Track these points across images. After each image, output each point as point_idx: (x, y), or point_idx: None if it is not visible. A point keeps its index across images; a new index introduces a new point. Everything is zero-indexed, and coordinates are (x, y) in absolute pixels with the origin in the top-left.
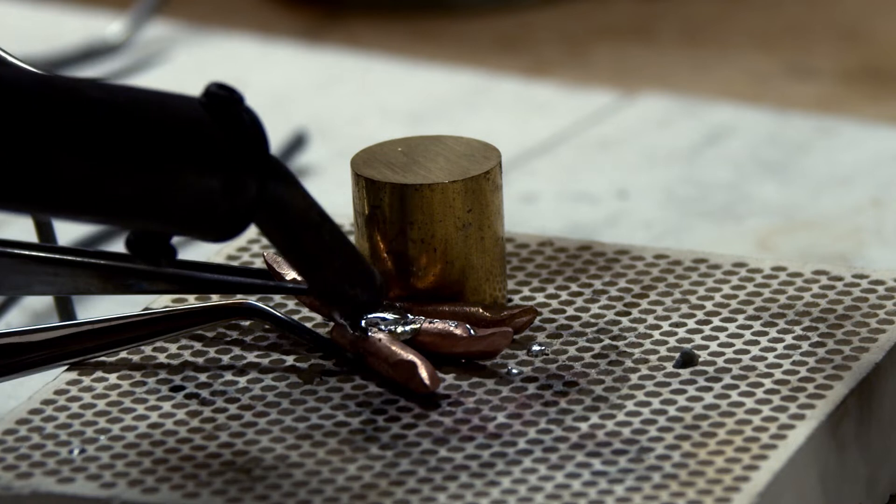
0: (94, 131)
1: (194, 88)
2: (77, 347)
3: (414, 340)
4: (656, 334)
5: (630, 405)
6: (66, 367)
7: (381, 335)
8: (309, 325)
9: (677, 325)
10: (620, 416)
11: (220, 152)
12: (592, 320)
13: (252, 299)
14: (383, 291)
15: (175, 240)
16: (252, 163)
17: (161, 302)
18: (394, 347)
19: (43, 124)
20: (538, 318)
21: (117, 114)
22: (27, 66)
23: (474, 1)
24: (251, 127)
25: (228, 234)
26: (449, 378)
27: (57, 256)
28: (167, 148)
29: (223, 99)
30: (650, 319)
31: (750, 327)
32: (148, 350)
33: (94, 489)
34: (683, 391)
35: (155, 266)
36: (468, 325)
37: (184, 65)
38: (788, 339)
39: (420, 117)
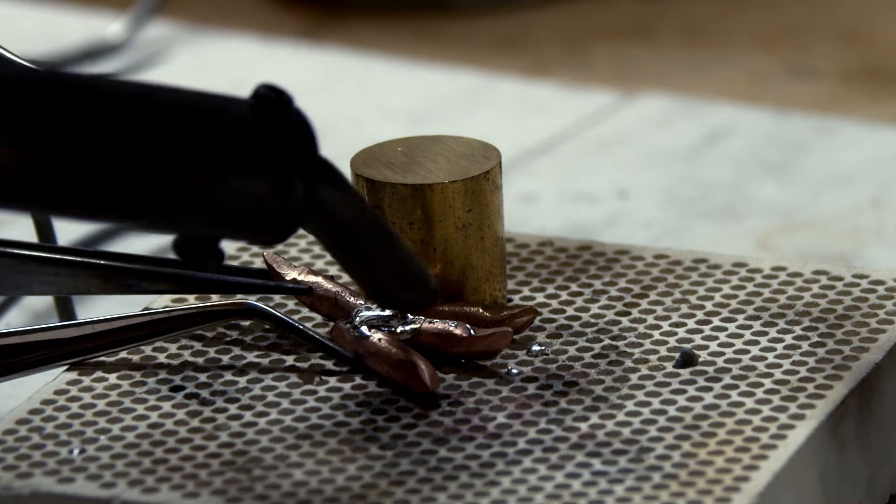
0: (142, 134)
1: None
2: (77, 347)
3: (414, 340)
4: (656, 334)
5: (630, 405)
6: (66, 367)
7: (381, 335)
8: (309, 325)
9: (677, 325)
10: (620, 416)
11: (267, 154)
12: (592, 320)
13: (252, 299)
14: (437, 293)
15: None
16: (300, 165)
17: (161, 302)
18: (394, 347)
19: (90, 127)
20: (538, 318)
21: (165, 116)
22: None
23: (474, 1)
24: (299, 128)
25: (278, 237)
26: (449, 378)
27: (57, 256)
28: (215, 150)
29: (272, 101)
30: (650, 319)
31: (750, 327)
32: (148, 350)
33: (94, 489)
34: (683, 391)
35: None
36: (468, 325)
37: (184, 65)
38: (788, 339)
39: (420, 117)
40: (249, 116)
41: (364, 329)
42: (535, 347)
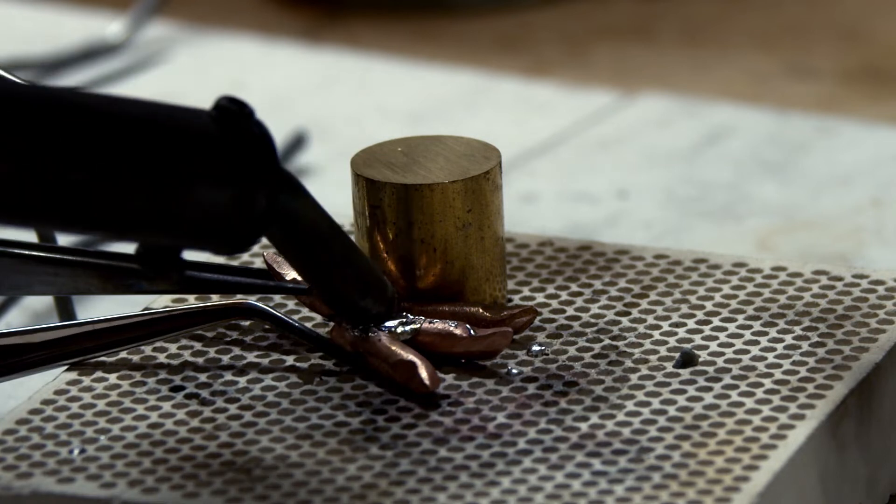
0: (102, 145)
1: (194, 88)
2: (77, 347)
3: (414, 340)
4: (656, 334)
5: (630, 405)
6: (66, 367)
7: (381, 335)
8: (309, 325)
9: (677, 325)
10: (620, 416)
11: (229, 166)
12: (592, 320)
13: (252, 299)
14: (395, 303)
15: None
16: (262, 176)
17: (161, 302)
18: (394, 347)
19: (49, 138)
20: (538, 318)
21: (125, 126)
22: (18, 79)
23: (474, 1)
24: (261, 140)
25: (240, 247)
26: (449, 378)
27: (57, 256)
28: (177, 161)
29: (233, 113)
30: (650, 319)
31: (750, 327)
32: (148, 350)
33: (94, 489)
34: (683, 391)
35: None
36: (468, 325)
37: (184, 65)
38: (788, 339)
39: (420, 117)
40: (211, 128)
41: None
42: (535, 347)
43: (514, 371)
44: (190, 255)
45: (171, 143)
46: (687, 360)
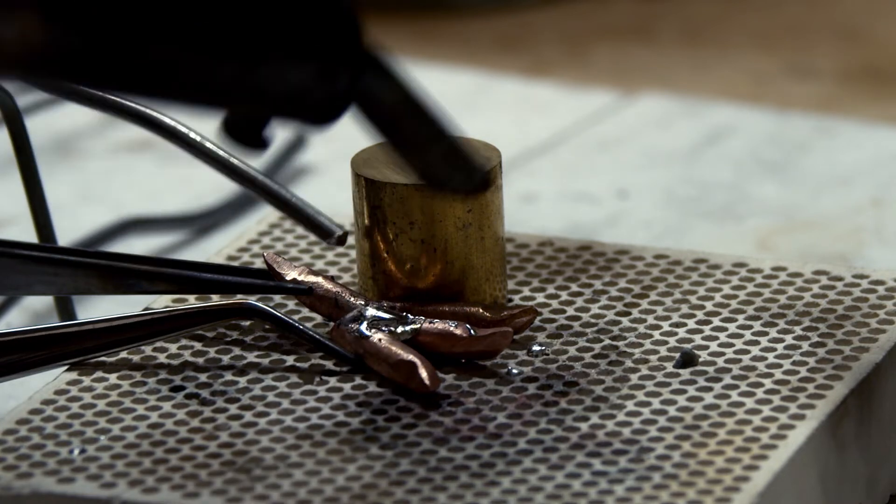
0: (189, 10)
1: None
2: (77, 347)
3: (414, 340)
4: (656, 334)
5: (630, 405)
6: (66, 367)
7: (381, 335)
8: (309, 325)
9: (677, 325)
10: (620, 417)
11: (314, 38)
12: (592, 320)
13: (252, 299)
14: (488, 181)
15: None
16: (345, 53)
17: (161, 302)
18: (394, 347)
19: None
20: (538, 318)
21: None
22: None
23: (474, 1)
24: (347, 15)
25: (324, 121)
26: (449, 378)
27: (57, 256)
28: (262, 30)
29: None
30: (650, 319)
31: (750, 327)
32: (148, 350)
33: (94, 489)
34: (683, 391)
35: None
36: (468, 325)
37: None
38: (788, 339)
39: None
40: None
41: (364, 329)
42: (536, 347)
43: (515, 371)
44: (195, 254)
45: (255, 10)
46: (687, 360)
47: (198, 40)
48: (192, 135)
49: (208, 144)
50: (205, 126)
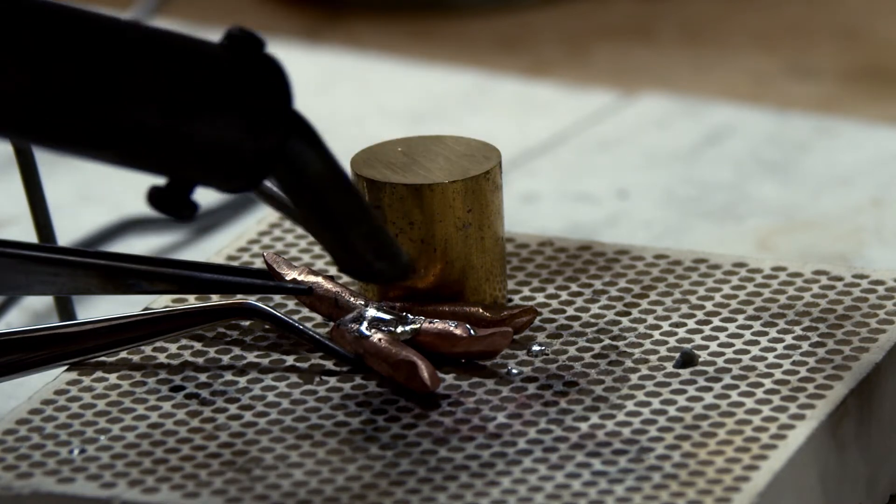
0: (117, 62)
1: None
2: (77, 347)
3: (414, 340)
4: (656, 334)
5: (630, 405)
6: (66, 367)
7: (380, 335)
8: (309, 325)
9: (677, 325)
10: (620, 416)
11: (242, 93)
12: (592, 320)
13: (252, 299)
14: (410, 268)
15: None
16: (275, 110)
17: (161, 302)
18: (394, 347)
19: (64, 53)
20: (538, 318)
21: (142, 48)
22: None
23: (474, 1)
24: (275, 72)
25: (249, 181)
26: (449, 378)
27: (57, 256)
28: (192, 84)
29: (245, 41)
30: (650, 319)
31: (750, 327)
32: (148, 350)
33: (94, 489)
34: (683, 391)
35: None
36: (468, 325)
37: None
38: (788, 339)
39: (420, 117)
40: (224, 56)
41: (364, 329)
42: (535, 347)
43: (514, 371)
44: (195, 254)
45: (185, 66)
46: (687, 360)
47: (128, 92)
48: None
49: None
50: None
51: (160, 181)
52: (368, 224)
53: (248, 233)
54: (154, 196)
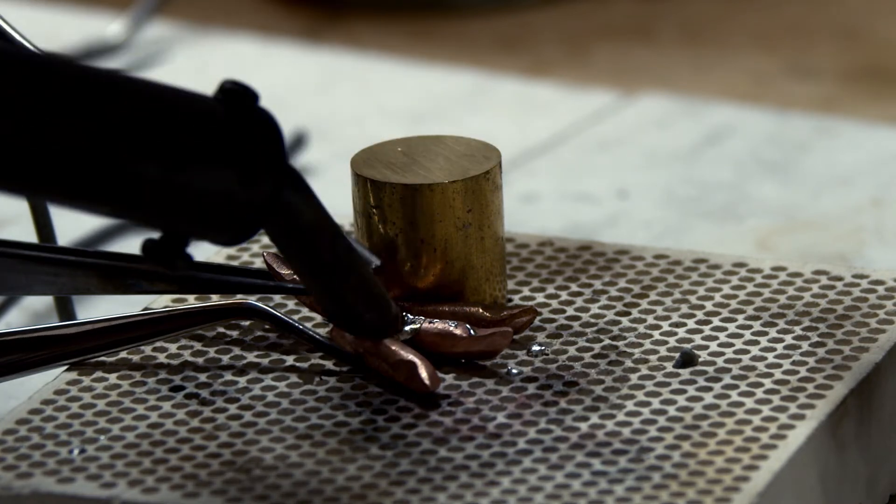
0: (109, 116)
1: (194, 89)
2: (77, 347)
3: (414, 340)
4: (656, 334)
5: (630, 405)
6: (66, 367)
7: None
8: (309, 325)
9: (677, 325)
10: (620, 416)
11: (236, 145)
12: (592, 320)
13: (252, 299)
14: (398, 321)
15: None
16: (269, 160)
17: (161, 302)
18: (394, 347)
19: (56, 105)
20: (538, 318)
21: (132, 100)
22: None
23: (474, 1)
24: (267, 125)
25: (241, 233)
26: (449, 378)
27: (57, 256)
28: (184, 137)
29: (239, 94)
30: (650, 319)
31: (750, 327)
32: (148, 350)
33: (94, 489)
34: (683, 391)
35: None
36: (468, 325)
37: (184, 65)
38: (788, 339)
39: (420, 117)
40: (218, 109)
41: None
42: (535, 347)
43: (514, 371)
44: (195, 254)
45: (177, 119)
46: (687, 360)
47: (116, 142)
48: None
49: None
50: None
51: (154, 235)
52: (358, 275)
53: None
54: (148, 249)
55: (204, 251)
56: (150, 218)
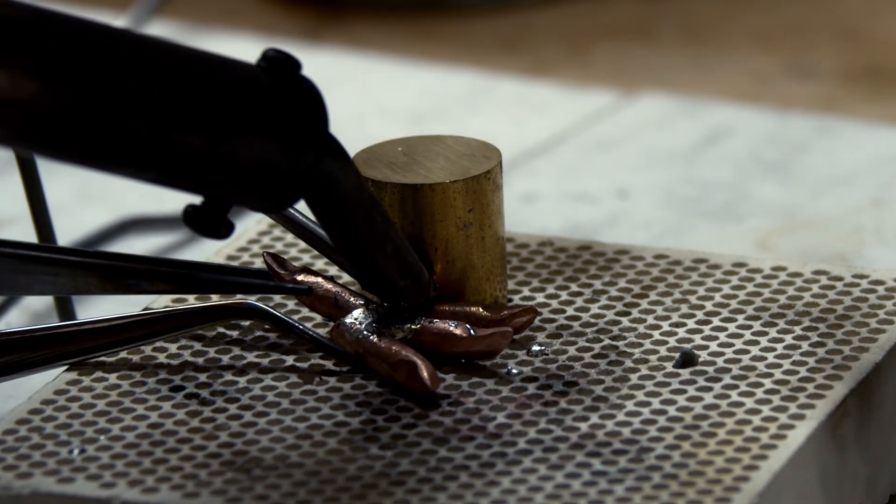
0: (157, 83)
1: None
2: (77, 347)
3: (414, 340)
4: (656, 334)
5: (630, 405)
6: (66, 367)
7: (380, 335)
8: (309, 325)
9: (677, 325)
10: (620, 416)
11: (280, 115)
12: (592, 320)
13: (252, 299)
14: (431, 287)
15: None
16: (310, 130)
17: (161, 302)
18: (394, 347)
19: (106, 74)
20: (538, 318)
21: (179, 69)
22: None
23: (474, 1)
24: (311, 94)
25: (284, 201)
26: (449, 378)
27: (57, 256)
28: (229, 105)
29: (282, 62)
30: (650, 319)
31: (750, 327)
32: (148, 350)
33: (94, 489)
34: (683, 391)
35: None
36: (468, 325)
37: None
38: (788, 339)
39: (420, 117)
40: (261, 77)
41: (364, 329)
42: (535, 347)
43: (514, 371)
44: (195, 254)
45: (221, 88)
46: (687, 360)
47: (165, 112)
48: None
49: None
50: None
51: (196, 200)
52: (393, 243)
53: (248, 233)
54: (190, 215)
55: (204, 251)
56: (193, 184)
